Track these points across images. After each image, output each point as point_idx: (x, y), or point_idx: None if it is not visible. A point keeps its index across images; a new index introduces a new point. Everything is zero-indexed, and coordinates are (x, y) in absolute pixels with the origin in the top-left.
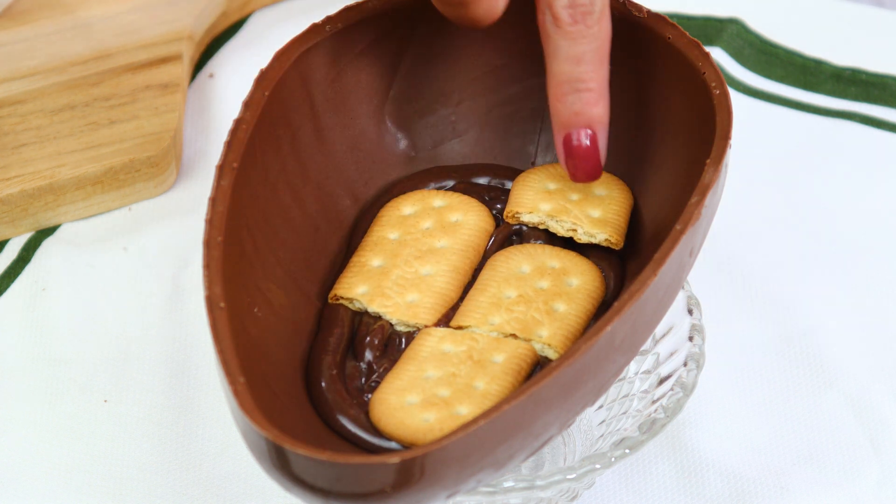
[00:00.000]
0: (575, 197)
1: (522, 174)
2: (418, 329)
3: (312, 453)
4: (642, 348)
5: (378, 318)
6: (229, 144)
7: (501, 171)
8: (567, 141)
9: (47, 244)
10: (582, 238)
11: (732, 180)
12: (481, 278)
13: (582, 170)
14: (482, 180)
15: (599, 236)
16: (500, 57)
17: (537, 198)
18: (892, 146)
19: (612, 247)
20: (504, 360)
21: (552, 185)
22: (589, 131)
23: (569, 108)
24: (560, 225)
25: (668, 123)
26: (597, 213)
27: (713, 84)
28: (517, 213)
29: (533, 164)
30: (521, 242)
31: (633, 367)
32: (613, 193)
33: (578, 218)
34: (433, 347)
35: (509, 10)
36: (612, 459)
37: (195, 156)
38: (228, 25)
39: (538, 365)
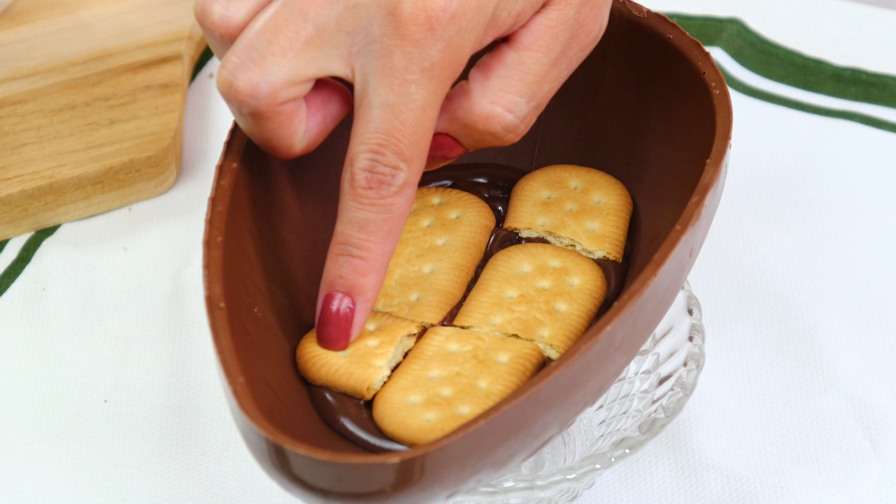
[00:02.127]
0: (573, 207)
1: (520, 182)
2: (424, 328)
3: (312, 453)
4: (642, 348)
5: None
6: (229, 144)
7: (501, 170)
8: (325, 303)
9: (47, 244)
10: (581, 253)
11: (732, 180)
12: (483, 278)
13: (327, 336)
14: (482, 180)
15: (598, 253)
16: None
17: (534, 211)
18: (892, 146)
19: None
20: (509, 360)
21: (549, 194)
22: (348, 300)
23: (336, 269)
24: (558, 241)
25: (668, 123)
26: (595, 227)
27: (713, 84)
28: (515, 229)
29: (533, 165)
30: (520, 241)
31: (633, 367)
32: (612, 201)
33: (576, 233)
34: (439, 347)
35: None
36: (612, 459)
37: (195, 156)
38: None
39: (544, 365)
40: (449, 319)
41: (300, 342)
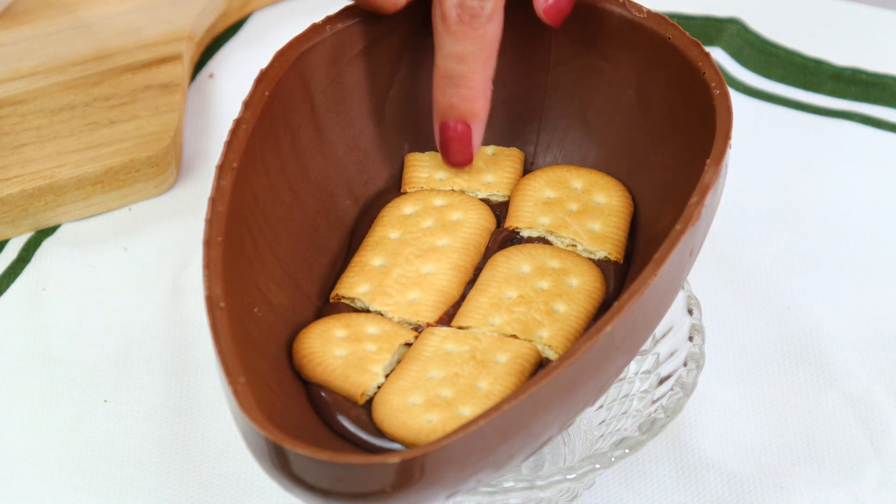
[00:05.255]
0: (574, 207)
1: (521, 181)
2: (421, 327)
3: (312, 453)
4: (642, 348)
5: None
6: (229, 144)
7: None
8: (442, 129)
9: (47, 244)
10: (582, 254)
11: (732, 180)
12: (482, 279)
13: (454, 157)
14: None
15: (599, 253)
16: (499, 57)
17: (536, 210)
18: (892, 146)
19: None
20: (507, 361)
21: (552, 194)
22: (462, 124)
23: (446, 100)
24: (560, 241)
25: (668, 123)
26: (596, 227)
27: (713, 84)
28: (516, 227)
29: (532, 165)
30: (520, 241)
31: (633, 367)
32: (613, 202)
33: (578, 234)
34: (436, 347)
35: (508, 12)
36: (612, 459)
37: (195, 156)
38: (228, 25)
39: (541, 365)
40: (446, 320)
41: (297, 338)
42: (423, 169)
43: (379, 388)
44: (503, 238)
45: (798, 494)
